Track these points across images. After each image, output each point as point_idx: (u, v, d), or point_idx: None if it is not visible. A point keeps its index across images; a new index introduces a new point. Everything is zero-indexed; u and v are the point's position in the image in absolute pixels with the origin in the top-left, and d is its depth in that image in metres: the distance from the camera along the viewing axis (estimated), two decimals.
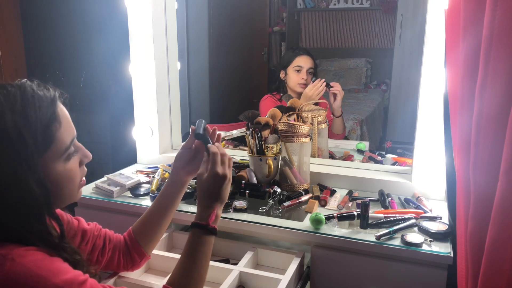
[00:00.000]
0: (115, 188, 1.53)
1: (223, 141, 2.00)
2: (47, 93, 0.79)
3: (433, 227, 1.23)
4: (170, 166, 1.48)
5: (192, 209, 1.42)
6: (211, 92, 3.56)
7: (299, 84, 2.12)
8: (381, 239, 1.20)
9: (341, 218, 1.29)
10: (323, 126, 1.82)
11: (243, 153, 1.80)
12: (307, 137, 1.54)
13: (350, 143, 2.20)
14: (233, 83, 3.92)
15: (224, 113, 3.61)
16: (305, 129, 1.52)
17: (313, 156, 1.73)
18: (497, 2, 0.77)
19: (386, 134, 3.91)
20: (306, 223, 1.31)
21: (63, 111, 0.81)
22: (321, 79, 1.97)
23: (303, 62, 2.13)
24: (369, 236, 1.23)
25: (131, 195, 1.54)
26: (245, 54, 4.22)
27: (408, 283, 1.20)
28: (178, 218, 1.43)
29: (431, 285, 1.18)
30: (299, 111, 1.67)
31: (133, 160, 1.91)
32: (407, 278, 1.20)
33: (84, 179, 0.89)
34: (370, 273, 1.24)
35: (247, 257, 1.28)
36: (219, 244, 1.40)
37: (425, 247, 1.17)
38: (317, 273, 1.29)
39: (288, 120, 1.60)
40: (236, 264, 1.26)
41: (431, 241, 1.20)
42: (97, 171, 1.71)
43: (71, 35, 3.00)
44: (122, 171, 1.70)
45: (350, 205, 1.44)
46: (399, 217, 1.28)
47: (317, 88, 1.95)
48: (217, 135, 1.09)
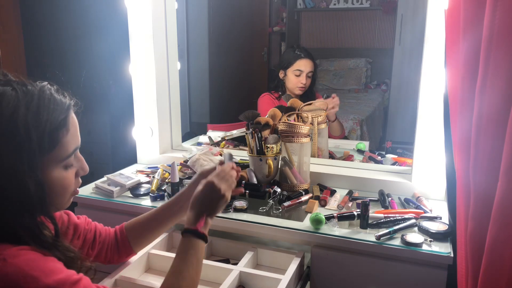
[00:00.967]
0: (115, 188, 1.54)
1: (223, 141, 2.00)
2: (63, 100, 0.81)
3: (433, 227, 1.23)
4: (170, 166, 1.47)
5: None
6: (211, 92, 3.56)
7: (297, 87, 2.13)
8: (381, 239, 1.20)
9: (341, 218, 1.29)
10: (323, 126, 1.82)
11: (243, 153, 1.80)
12: (307, 137, 1.54)
13: (350, 143, 2.20)
14: (233, 83, 3.92)
15: (224, 113, 3.61)
16: (305, 129, 1.52)
17: (313, 156, 1.73)
18: (497, 2, 0.77)
19: (386, 134, 3.91)
20: (306, 223, 1.31)
21: (73, 120, 0.83)
22: (334, 97, 1.99)
23: (303, 66, 2.12)
24: (369, 236, 1.23)
25: (131, 195, 1.54)
26: (245, 54, 4.22)
27: (408, 283, 1.20)
28: None
29: (431, 285, 1.18)
30: (299, 111, 1.67)
31: (133, 160, 1.91)
32: (407, 278, 1.20)
33: (78, 190, 0.90)
34: (370, 273, 1.24)
35: (247, 257, 1.28)
36: (219, 244, 1.40)
37: (425, 247, 1.17)
38: (317, 273, 1.29)
39: (288, 120, 1.60)
40: (236, 264, 1.26)
41: (431, 241, 1.20)
42: (97, 171, 1.72)
43: (71, 35, 2.99)
44: (122, 171, 1.70)
45: (350, 205, 1.44)
46: (399, 217, 1.29)
47: (333, 103, 1.97)
48: (239, 174, 1.09)
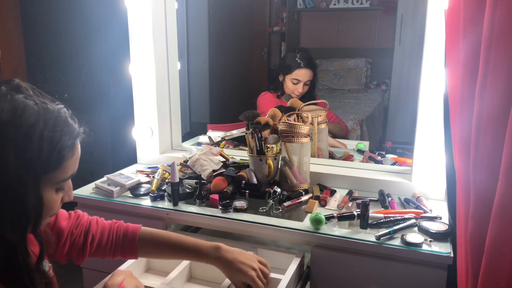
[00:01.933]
0: (115, 188, 1.53)
1: (223, 141, 2.00)
2: (75, 125, 0.84)
3: (433, 227, 1.23)
4: (170, 166, 1.47)
5: (192, 209, 1.42)
6: (211, 92, 3.56)
7: (294, 94, 2.17)
8: (381, 239, 1.20)
9: (341, 218, 1.29)
10: (323, 126, 1.82)
11: (243, 153, 1.80)
12: (307, 137, 1.54)
13: (350, 143, 2.20)
14: (233, 83, 3.92)
15: (224, 113, 3.61)
16: (305, 129, 1.52)
17: (313, 156, 1.73)
18: (497, 2, 0.77)
19: (386, 134, 3.91)
20: (306, 223, 1.31)
21: (78, 148, 0.86)
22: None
23: (302, 76, 2.15)
24: (369, 236, 1.23)
25: (131, 195, 1.54)
26: (245, 54, 4.22)
27: (408, 283, 1.20)
28: (178, 218, 1.43)
29: (431, 285, 1.18)
30: (299, 111, 1.67)
31: (133, 160, 1.91)
32: (407, 278, 1.20)
33: (55, 216, 0.92)
34: (370, 273, 1.24)
35: None
36: None
37: (425, 247, 1.17)
38: (317, 273, 1.29)
39: (288, 120, 1.60)
40: None
41: (431, 241, 1.20)
42: (97, 171, 1.72)
43: (71, 35, 3.00)
44: (122, 171, 1.70)
45: (350, 205, 1.44)
46: (399, 217, 1.29)
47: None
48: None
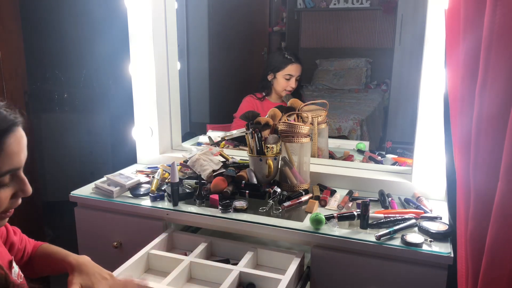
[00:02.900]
0: (115, 188, 1.53)
1: (223, 141, 2.00)
2: (8, 117, 0.76)
3: (433, 227, 1.23)
4: (169, 166, 1.47)
5: (192, 209, 1.42)
6: (211, 92, 3.55)
7: (286, 90, 2.22)
8: (381, 239, 1.20)
9: (341, 218, 1.29)
10: (323, 126, 1.82)
11: (243, 153, 1.80)
12: (307, 137, 1.54)
13: (350, 143, 2.20)
14: (233, 83, 3.91)
15: (224, 113, 3.61)
16: (305, 129, 1.52)
17: (313, 156, 1.73)
18: (497, 2, 0.77)
19: (386, 134, 3.91)
20: (306, 223, 1.31)
21: (16, 139, 0.77)
22: None
23: (294, 71, 2.21)
24: (369, 236, 1.23)
25: (131, 195, 1.54)
26: (245, 54, 4.22)
27: (408, 283, 1.20)
28: (178, 218, 1.43)
29: (431, 285, 1.18)
30: (299, 111, 1.67)
31: (133, 160, 1.91)
32: (407, 278, 1.20)
33: (12, 211, 0.84)
34: (370, 273, 1.24)
35: (247, 257, 1.28)
36: (219, 244, 1.40)
37: (425, 247, 1.17)
38: (317, 273, 1.29)
39: (288, 120, 1.60)
40: (236, 264, 1.26)
41: (431, 241, 1.20)
42: (97, 171, 1.72)
43: (71, 35, 3.00)
44: (122, 171, 1.70)
45: (350, 205, 1.44)
46: (399, 217, 1.29)
47: None
48: None
